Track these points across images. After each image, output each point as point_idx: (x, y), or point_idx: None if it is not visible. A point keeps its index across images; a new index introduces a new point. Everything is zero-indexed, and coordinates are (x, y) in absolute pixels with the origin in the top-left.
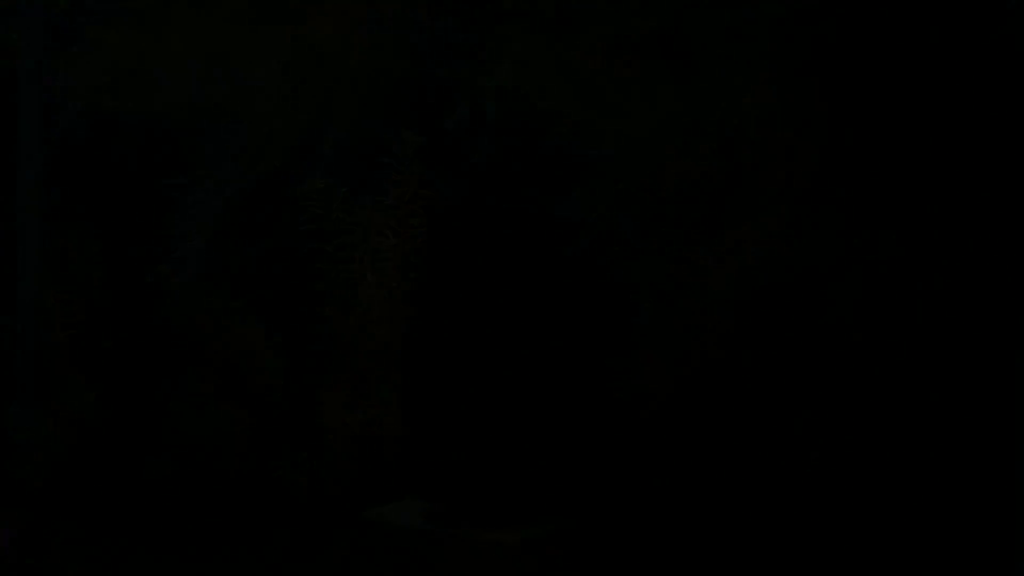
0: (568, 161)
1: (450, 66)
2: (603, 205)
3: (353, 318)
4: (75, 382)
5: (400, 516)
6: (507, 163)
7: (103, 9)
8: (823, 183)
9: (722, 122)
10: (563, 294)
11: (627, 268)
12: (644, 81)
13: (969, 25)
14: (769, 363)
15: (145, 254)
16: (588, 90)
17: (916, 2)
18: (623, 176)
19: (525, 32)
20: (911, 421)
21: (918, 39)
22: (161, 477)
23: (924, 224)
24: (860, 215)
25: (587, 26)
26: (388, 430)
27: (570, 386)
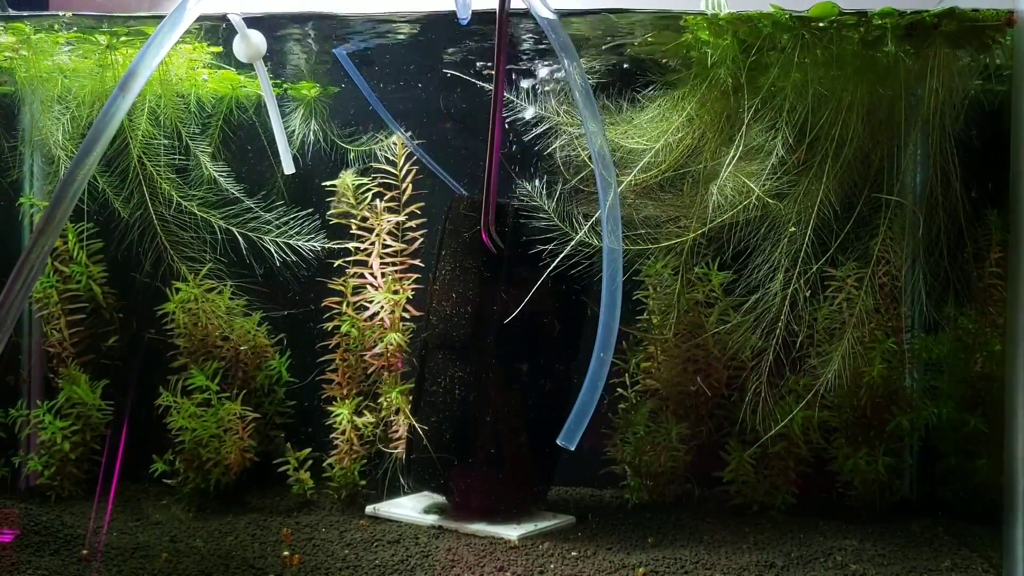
0: None
1: None
2: None
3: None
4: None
5: (404, 511)
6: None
7: None
8: None
9: None
10: (568, 295)
11: None
12: None
13: None
14: None
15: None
16: None
17: None
18: None
19: None
20: None
21: None
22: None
23: None
24: None
25: None
26: (394, 427)
27: (571, 385)
